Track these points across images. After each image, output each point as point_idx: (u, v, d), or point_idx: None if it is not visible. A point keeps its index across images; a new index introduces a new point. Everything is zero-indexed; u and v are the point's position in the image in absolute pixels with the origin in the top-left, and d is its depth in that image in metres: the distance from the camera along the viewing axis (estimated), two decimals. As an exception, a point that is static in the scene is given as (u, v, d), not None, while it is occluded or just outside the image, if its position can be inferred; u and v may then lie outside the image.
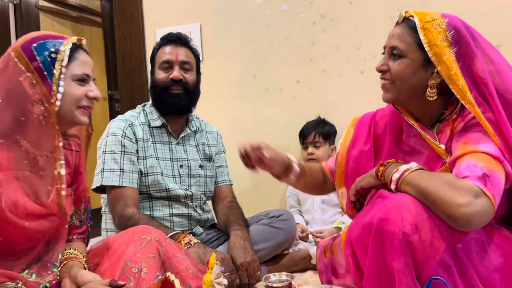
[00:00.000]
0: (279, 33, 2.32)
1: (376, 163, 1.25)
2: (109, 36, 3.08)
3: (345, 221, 1.94)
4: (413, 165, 1.06)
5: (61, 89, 1.00)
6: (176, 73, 1.63)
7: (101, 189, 1.60)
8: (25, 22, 2.53)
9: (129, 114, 1.69)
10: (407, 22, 1.15)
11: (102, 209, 1.70)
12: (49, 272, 1.06)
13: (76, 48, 1.05)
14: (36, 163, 1.02)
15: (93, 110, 1.14)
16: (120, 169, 1.55)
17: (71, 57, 1.03)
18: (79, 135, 1.19)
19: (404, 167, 1.05)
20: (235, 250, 1.48)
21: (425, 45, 1.09)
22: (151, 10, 2.58)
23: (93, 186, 1.59)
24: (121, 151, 1.57)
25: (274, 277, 1.21)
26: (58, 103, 1.00)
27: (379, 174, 1.11)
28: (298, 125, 2.22)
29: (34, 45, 1.00)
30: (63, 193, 1.03)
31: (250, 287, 1.47)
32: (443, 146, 1.13)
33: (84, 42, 1.10)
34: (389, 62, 1.17)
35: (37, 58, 0.99)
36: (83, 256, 1.11)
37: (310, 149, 2.10)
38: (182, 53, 1.66)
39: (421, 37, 1.10)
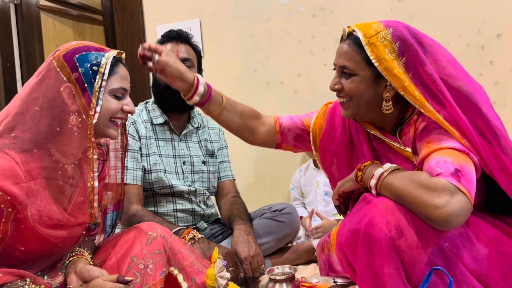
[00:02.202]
0: (279, 26, 2.32)
1: (353, 159, 1.25)
2: (110, 34, 3.09)
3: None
4: (387, 166, 1.05)
5: (100, 102, 1.01)
6: None
7: (105, 187, 1.62)
8: (26, 22, 2.54)
9: (131, 111, 1.70)
10: (352, 38, 1.13)
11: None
12: (59, 273, 1.08)
13: (116, 61, 1.06)
14: (65, 171, 1.03)
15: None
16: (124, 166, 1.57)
17: (111, 71, 1.04)
18: (108, 144, 1.20)
19: (379, 171, 1.04)
20: (239, 244, 1.49)
21: (373, 61, 1.08)
22: (150, 7, 2.59)
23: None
24: None
25: (277, 270, 1.22)
26: (96, 115, 1.01)
27: (358, 179, 1.11)
28: (299, 119, 2.23)
29: (77, 56, 1.01)
30: (96, 204, 1.05)
31: (254, 281, 1.49)
32: (409, 149, 1.13)
33: (123, 56, 1.10)
34: (341, 81, 1.16)
35: (79, 69, 1.00)
36: (89, 254, 1.13)
37: None
38: (182, 50, 1.67)
39: (368, 54, 1.09)
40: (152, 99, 1.75)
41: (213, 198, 1.86)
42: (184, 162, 1.70)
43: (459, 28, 2.02)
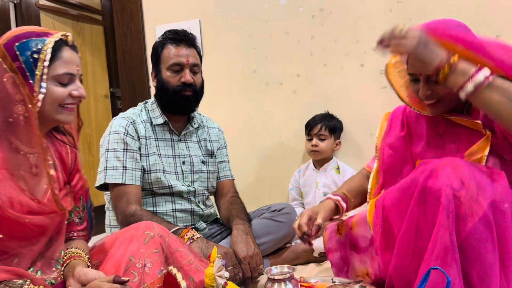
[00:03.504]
0: (278, 27, 2.32)
1: (412, 147, 1.26)
2: (110, 34, 3.09)
3: (347, 213, 1.95)
4: (488, 72, 1.01)
5: (43, 90, 0.98)
6: (188, 77, 1.62)
7: (104, 187, 1.61)
8: (26, 21, 2.54)
9: (130, 111, 1.70)
10: None
11: (106, 206, 1.72)
12: (53, 269, 1.07)
13: (60, 46, 1.02)
14: (27, 160, 1.02)
15: (81, 105, 1.12)
16: (123, 167, 1.57)
17: (54, 56, 1.00)
18: (72, 132, 1.18)
19: (485, 70, 1.01)
20: (237, 244, 1.49)
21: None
22: (150, 7, 2.59)
23: (97, 184, 1.60)
24: (124, 149, 1.58)
25: (276, 269, 1.22)
26: (39, 104, 0.98)
27: (441, 74, 1.05)
28: (298, 119, 2.23)
29: (17, 44, 0.98)
30: (57, 191, 1.03)
31: (253, 281, 1.48)
32: (479, 121, 1.14)
33: (69, 38, 1.06)
34: (431, 87, 1.16)
35: (20, 58, 0.97)
36: (86, 254, 1.12)
37: (315, 141, 2.11)
38: (192, 55, 1.65)
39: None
40: (152, 99, 1.74)
41: (212, 198, 1.86)
42: (183, 162, 1.70)
43: (458, 29, 2.02)
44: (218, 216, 1.82)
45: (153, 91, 1.75)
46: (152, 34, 2.55)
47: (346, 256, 1.34)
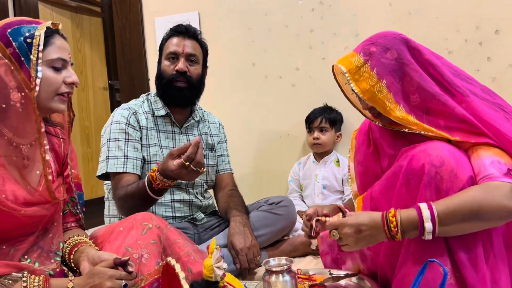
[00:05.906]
0: (278, 20, 2.31)
1: (381, 162, 1.27)
2: (109, 26, 3.08)
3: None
4: (423, 205, 1.01)
5: (39, 74, 0.98)
6: (181, 65, 1.63)
7: (105, 176, 1.61)
8: (24, 13, 2.53)
9: (133, 102, 1.71)
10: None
11: (105, 196, 1.72)
12: (52, 261, 1.07)
13: (51, 33, 1.02)
14: (19, 151, 1.01)
15: (73, 96, 1.11)
16: (125, 155, 1.57)
17: (47, 42, 1.00)
18: (63, 124, 1.17)
19: (424, 210, 1.00)
20: (235, 236, 1.50)
21: (358, 94, 1.15)
22: (149, -1, 2.58)
23: (98, 173, 1.61)
24: (125, 139, 1.59)
25: (273, 261, 1.22)
26: (37, 88, 0.97)
27: (393, 234, 1.02)
28: (297, 113, 2.24)
29: (9, 30, 0.97)
30: (50, 177, 1.02)
31: (250, 272, 1.49)
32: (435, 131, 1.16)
33: (60, 27, 1.06)
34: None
35: (13, 44, 0.97)
36: (90, 240, 1.13)
37: (316, 134, 2.11)
38: (189, 46, 1.66)
39: (354, 88, 1.15)
40: (155, 91, 1.75)
41: (211, 191, 1.87)
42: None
43: (458, 24, 2.02)
44: (217, 209, 1.83)
45: (152, 83, 1.75)
46: (152, 26, 2.54)
47: (336, 258, 1.36)
